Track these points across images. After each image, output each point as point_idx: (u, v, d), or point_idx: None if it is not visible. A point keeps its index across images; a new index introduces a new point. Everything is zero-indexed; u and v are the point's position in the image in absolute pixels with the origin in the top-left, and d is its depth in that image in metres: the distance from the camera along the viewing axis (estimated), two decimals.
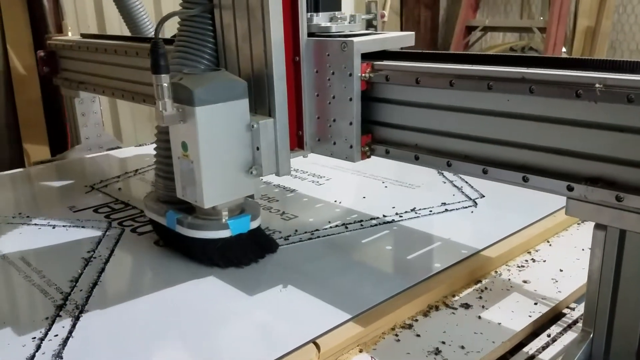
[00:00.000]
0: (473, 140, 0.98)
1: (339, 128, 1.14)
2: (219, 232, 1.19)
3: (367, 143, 1.15)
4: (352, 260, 1.28)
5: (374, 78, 1.09)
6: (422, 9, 4.29)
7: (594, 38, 3.81)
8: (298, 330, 0.99)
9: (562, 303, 1.10)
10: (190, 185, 1.13)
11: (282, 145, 1.15)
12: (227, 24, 1.17)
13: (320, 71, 1.14)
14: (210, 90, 1.06)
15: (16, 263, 1.28)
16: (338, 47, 1.09)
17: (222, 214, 1.19)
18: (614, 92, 0.78)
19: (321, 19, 1.17)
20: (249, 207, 1.25)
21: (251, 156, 1.13)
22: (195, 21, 1.19)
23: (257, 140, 1.12)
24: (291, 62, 1.15)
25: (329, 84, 1.13)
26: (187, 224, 1.20)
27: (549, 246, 1.33)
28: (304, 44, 1.14)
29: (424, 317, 1.05)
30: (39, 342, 0.98)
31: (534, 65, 0.90)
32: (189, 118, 1.07)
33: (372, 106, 1.13)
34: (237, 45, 1.16)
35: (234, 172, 1.13)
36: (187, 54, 1.19)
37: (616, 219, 0.81)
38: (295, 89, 1.17)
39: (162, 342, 0.99)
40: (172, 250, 1.31)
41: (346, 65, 1.08)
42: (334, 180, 1.81)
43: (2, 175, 2.02)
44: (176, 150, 1.14)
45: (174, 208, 1.24)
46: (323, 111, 1.16)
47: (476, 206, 1.53)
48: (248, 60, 1.15)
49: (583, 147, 0.85)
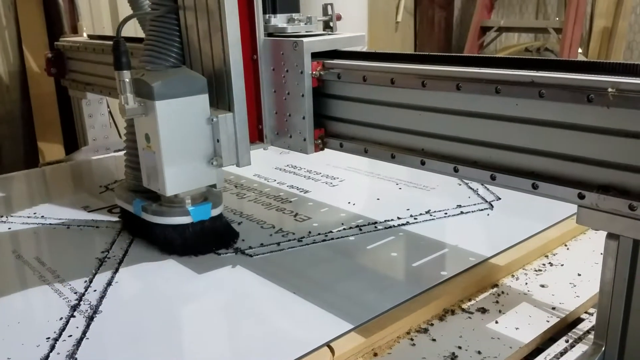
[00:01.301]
0: (479, 144, 0.97)
1: (294, 122, 1.22)
2: (180, 219, 1.27)
3: (320, 136, 1.22)
4: (366, 263, 1.27)
5: (324, 76, 1.17)
6: (436, 10, 4.26)
7: (611, 39, 3.76)
8: (312, 334, 0.98)
9: (580, 308, 1.08)
10: (153, 174, 1.21)
11: (242, 138, 1.22)
12: (190, 24, 1.24)
13: (277, 69, 1.22)
14: (170, 86, 1.14)
15: (31, 263, 1.29)
16: (291, 47, 1.17)
17: (185, 201, 1.26)
18: (628, 97, 0.76)
19: (279, 20, 1.26)
20: (212, 196, 1.32)
21: (212, 148, 1.21)
22: (162, 21, 1.26)
23: (217, 133, 1.19)
24: (250, 60, 1.23)
25: (284, 81, 1.21)
26: (152, 210, 1.29)
27: (567, 250, 1.31)
28: (261, 44, 1.22)
29: (439, 321, 1.04)
30: (53, 342, 0.98)
31: (527, 67, 0.88)
32: (150, 111, 1.15)
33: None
34: (199, 44, 1.24)
35: (195, 163, 1.20)
36: (155, 52, 1.25)
37: (629, 229, 0.79)
38: (254, 85, 1.25)
39: (177, 343, 0.99)
40: (139, 238, 1.38)
41: (298, 63, 1.16)
42: (347, 181, 1.80)
43: (17, 175, 2.04)
44: (141, 142, 1.23)
45: (141, 196, 1.32)
46: (280, 106, 1.24)
47: (492, 209, 1.51)
48: (209, 58, 1.22)
49: (594, 154, 0.82)
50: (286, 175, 1.87)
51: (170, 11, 1.25)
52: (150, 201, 1.31)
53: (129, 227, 1.43)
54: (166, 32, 1.26)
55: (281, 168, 1.95)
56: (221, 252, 1.31)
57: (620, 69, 0.80)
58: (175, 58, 1.26)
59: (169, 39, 1.26)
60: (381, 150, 1.12)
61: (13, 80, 2.55)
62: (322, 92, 1.20)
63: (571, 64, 0.86)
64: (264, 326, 1.03)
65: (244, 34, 1.19)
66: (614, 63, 0.81)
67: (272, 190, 1.72)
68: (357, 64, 1.13)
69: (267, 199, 1.65)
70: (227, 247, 1.33)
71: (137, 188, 1.34)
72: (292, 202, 1.62)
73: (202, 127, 1.18)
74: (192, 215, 1.26)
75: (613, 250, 0.83)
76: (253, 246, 1.33)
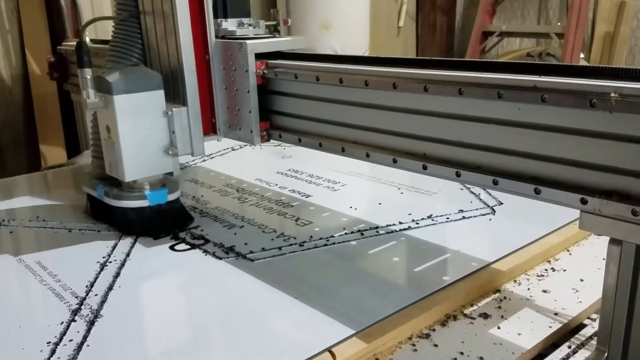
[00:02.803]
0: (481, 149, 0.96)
1: (242, 116, 1.35)
2: (138, 202, 1.41)
3: (266, 129, 1.36)
4: (368, 268, 1.26)
5: (268, 74, 1.31)
6: (438, 14, 4.27)
7: (613, 44, 3.76)
8: (313, 339, 0.98)
9: (582, 314, 1.07)
10: (114, 162, 1.35)
11: (195, 130, 1.36)
12: (150, 27, 1.39)
13: (227, 68, 1.36)
14: (127, 82, 1.28)
15: (32, 267, 1.29)
16: (237, 48, 1.31)
17: (144, 187, 1.40)
18: (630, 102, 0.75)
19: (229, 25, 1.40)
20: (169, 182, 1.46)
21: (168, 139, 1.35)
22: (125, 24, 1.41)
23: (172, 125, 1.33)
24: (202, 60, 1.38)
25: (233, 79, 1.35)
26: (113, 195, 1.43)
27: (569, 255, 1.31)
28: (212, 45, 1.37)
29: (441, 326, 1.04)
30: (53, 346, 0.98)
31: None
32: (109, 105, 1.29)
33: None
34: (157, 45, 1.38)
35: (152, 152, 1.34)
36: (118, 52, 1.39)
37: (632, 234, 0.78)
38: (207, 82, 1.39)
39: (179, 348, 0.99)
40: (103, 221, 1.52)
41: (243, 62, 1.30)
42: (349, 186, 1.80)
43: (19, 179, 2.04)
44: (102, 133, 1.37)
45: (105, 183, 1.47)
46: (230, 102, 1.38)
47: (494, 213, 1.51)
48: (166, 57, 1.37)
49: (597, 159, 0.82)
50: (288, 180, 1.87)
51: (132, 15, 1.39)
52: (112, 187, 1.44)
53: (94, 212, 1.56)
54: (129, 34, 1.40)
55: (283, 172, 1.95)
56: (222, 256, 1.31)
57: (623, 74, 0.79)
58: (137, 58, 1.40)
59: (132, 40, 1.40)
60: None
61: (15, 84, 2.56)
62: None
63: (573, 69, 0.85)
64: (265, 331, 1.03)
65: (196, 36, 1.33)
66: (616, 68, 0.80)
67: (274, 195, 1.72)
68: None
69: (269, 204, 1.64)
70: (182, 229, 1.46)
71: (101, 176, 1.47)
72: (293, 207, 1.62)
73: (159, 119, 1.32)
74: (149, 200, 1.40)
75: (616, 256, 0.83)
76: (254, 251, 1.33)
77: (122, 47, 1.39)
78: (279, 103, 1.34)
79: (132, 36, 1.40)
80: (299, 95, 1.27)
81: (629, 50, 3.85)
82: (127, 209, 1.42)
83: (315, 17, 2.92)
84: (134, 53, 1.39)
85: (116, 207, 1.43)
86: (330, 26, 2.91)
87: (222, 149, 2.27)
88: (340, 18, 2.94)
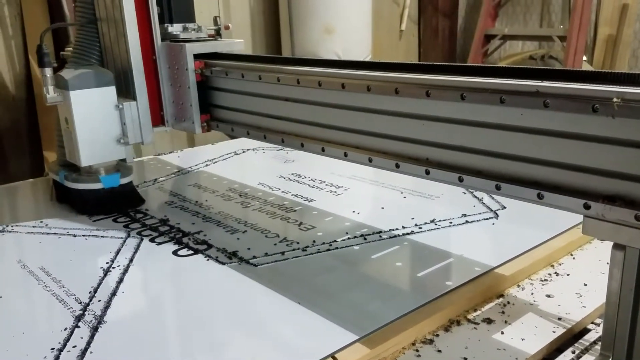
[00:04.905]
0: (483, 154, 0.96)
1: (186, 109, 1.58)
2: (93, 185, 1.61)
3: (206, 120, 1.58)
4: (371, 272, 1.26)
5: (206, 72, 1.53)
6: (440, 18, 4.27)
7: (615, 47, 3.76)
8: (316, 344, 0.98)
9: (586, 318, 1.07)
10: (72, 150, 1.56)
11: (145, 121, 1.58)
12: (105, 31, 1.61)
13: (171, 67, 1.59)
14: (82, 79, 1.49)
15: (36, 272, 1.29)
16: (178, 49, 1.54)
17: (100, 171, 1.61)
18: (633, 107, 0.75)
19: (175, 29, 1.61)
20: (123, 168, 1.67)
21: (120, 129, 1.56)
22: (84, 30, 1.63)
23: (123, 117, 1.55)
24: (150, 60, 1.59)
25: (177, 76, 1.57)
26: (71, 178, 1.63)
27: (573, 259, 1.30)
28: (158, 47, 1.58)
29: (445, 332, 1.04)
30: (57, 353, 0.98)
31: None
32: (67, 99, 1.49)
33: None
34: (111, 47, 1.61)
35: (106, 141, 1.55)
36: (79, 54, 1.61)
37: (635, 239, 0.78)
38: (155, 80, 1.61)
39: (181, 354, 0.99)
40: (66, 204, 1.70)
41: (184, 62, 1.52)
42: (351, 190, 1.80)
43: (23, 184, 2.04)
44: (62, 124, 1.58)
45: (67, 169, 1.66)
46: (176, 96, 1.61)
47: (497, 218, 1.51)
48: (118, 58, 1.59)
49: (600, 164, 0.82)
50: (290, 184, 1.87)
51: (90, 21, 1.62)
52: (72, 172, 1.64)
53: (58, 195, 1.74)
54: (88, 38, 1.62)
55: (285, 177, 1.95)
56: (225, 261, 1.31)
57: (625, 79, 0.79)
58: (95, 59, 1.62)
59: (91, 43, 1.62)
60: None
61: (19, 89, 2.56)
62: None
63: (576, 74, 0.85)
64: (268, 336, 1.03)
65: (143, 39, 1.55)
66: (618, 73, 0.80)
67: (277, 199, 1.72)
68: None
69: (272, 208, 1.65)
70: (134, 208, 1.66)
71: (64, 162, 1.67)
72: (296, 211, 1.62)
73: (111, 112, 1.54)
74: (103, 182, 1.60)
75: (619, 261, 0.83)
76: (257, 255, 1.33)
77: (81, 49, 1.61)
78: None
79: (91, 40, 1.62)
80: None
81: (631, 53, 3.84)
82: (83, 190, 1.61)
83: (317, 22, 2.92)
84: (93, 55, 1.61)
85: (75, 189, 1.63)
86: (333, 30, 2.92)
87: (224, 154, 2.27)
88: (342, 22, 2.95)
